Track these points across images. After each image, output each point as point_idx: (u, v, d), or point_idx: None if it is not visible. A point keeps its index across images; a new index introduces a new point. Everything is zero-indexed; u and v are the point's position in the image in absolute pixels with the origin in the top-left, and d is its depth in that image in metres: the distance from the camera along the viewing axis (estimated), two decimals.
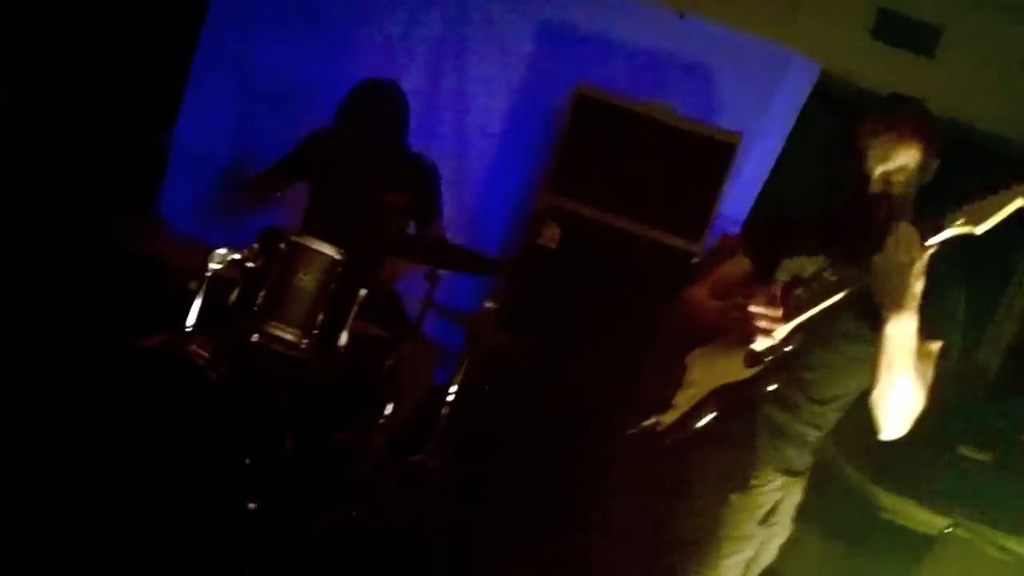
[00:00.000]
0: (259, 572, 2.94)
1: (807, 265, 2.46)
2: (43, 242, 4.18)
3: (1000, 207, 1.99)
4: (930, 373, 2.29)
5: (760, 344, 2.35)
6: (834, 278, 2.28)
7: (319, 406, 3.58)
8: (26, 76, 4.37)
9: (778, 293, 2.40)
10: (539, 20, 4.91)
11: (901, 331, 2.14)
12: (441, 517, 3.75)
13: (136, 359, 3.13)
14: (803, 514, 4.18)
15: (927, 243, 2.07)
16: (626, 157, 4.63)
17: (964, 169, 4.80)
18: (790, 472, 2.51)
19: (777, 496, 2.50)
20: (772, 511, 2.51)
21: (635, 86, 4.78)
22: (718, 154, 4.55)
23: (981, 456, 3.96)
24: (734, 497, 2.48)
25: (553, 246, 4.65)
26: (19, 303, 3.87)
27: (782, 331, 2.31)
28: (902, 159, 2.29)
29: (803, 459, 2.52)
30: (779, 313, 2.29)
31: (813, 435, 2.51)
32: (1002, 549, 3.24)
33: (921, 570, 3.47)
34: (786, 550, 4.16)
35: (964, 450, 3.96)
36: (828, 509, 4.16)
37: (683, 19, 4.84)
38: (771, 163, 4.95)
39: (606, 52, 4.88)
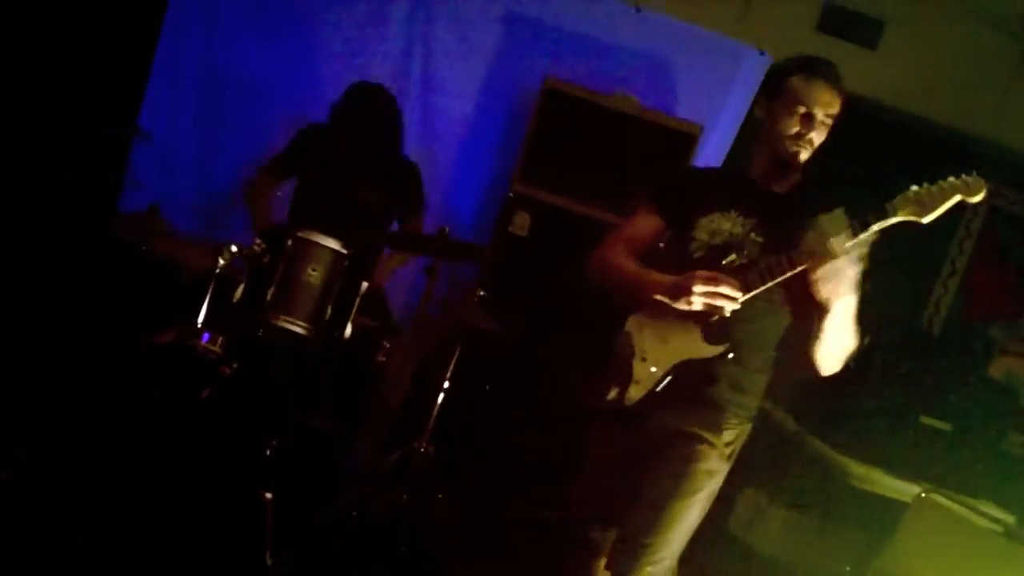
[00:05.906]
0: (278, 559, 2.98)
1: (723, 223, 2.63)
2: (48, 241, 4.10)
3: (943, 199, 2.25)
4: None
5: (715, 318, 2.52)
6: (760, 240, 2.52)
7: (322, 397, 3.62)
8: None
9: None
10: (503, 14, 4.98)
11: (845, 307, 2.38)
12: (433, 501, 3.82)
13: (150, 356, 3.13)
14: (771, 488, 4.35)
15: (863, 234, 2.28)
16: (592, 148, 4.75)
17: (901, 153, 5.04)
18: (748, 418, 2.71)
19: (734, 435, 2.68)
20: (734, 450, 2.70)
21: (600, 78, 4.88)
22: (680, 144, 4.70)
23: (941, 426, 4.15)
24: (711, 437, 2.62)
25: (524, 234, 4.73)
26: (26, 302, 3.81)
27: (737, 304, 2.46)
28: (831, 106, 2.53)
29: (755, 404, 2.73)
30: (739, 290, 2.43)
31: (762, 380, 2.73)
32: (980, 514, 3.37)
33: (897, 537, 3.50)
34: (756, 524, 4.34)
35: (925, 419, 4.15)
36: (796, 482, 4.31)
37: (639, 12, 4.97)
38: (725, 152, 5.11)
39: (570, 45, 4.98)
